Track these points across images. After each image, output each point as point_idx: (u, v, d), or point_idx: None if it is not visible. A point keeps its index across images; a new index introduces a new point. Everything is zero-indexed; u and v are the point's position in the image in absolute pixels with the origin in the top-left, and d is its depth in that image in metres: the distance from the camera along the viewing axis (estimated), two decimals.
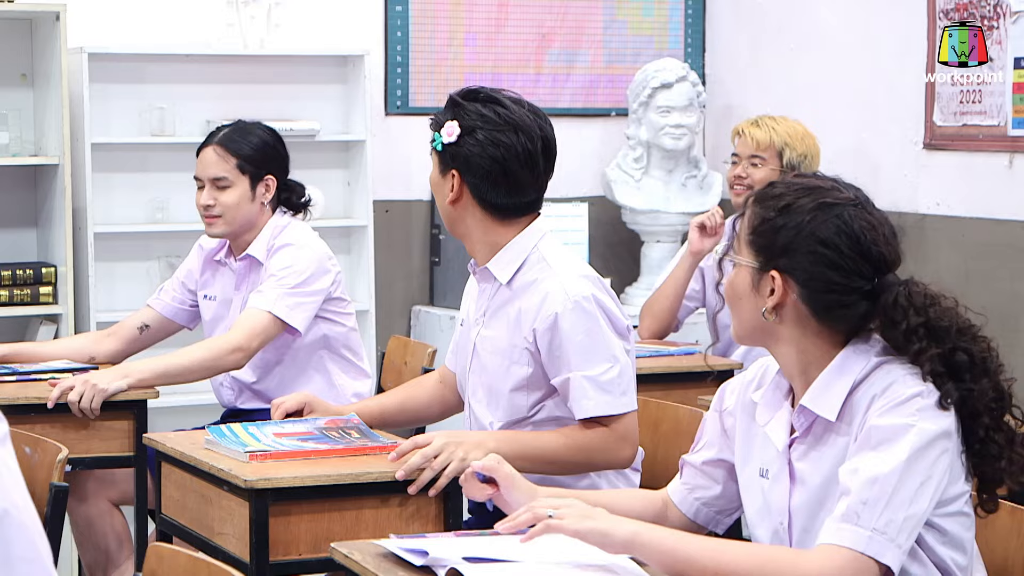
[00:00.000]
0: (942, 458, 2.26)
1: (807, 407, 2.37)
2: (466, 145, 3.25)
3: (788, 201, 2.38)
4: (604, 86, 6.30)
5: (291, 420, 3.38)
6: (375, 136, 5.92)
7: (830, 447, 2.35)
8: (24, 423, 3.75)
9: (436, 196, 3.37)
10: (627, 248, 6.22)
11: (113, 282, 5.60)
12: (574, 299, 3.18)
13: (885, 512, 2.21)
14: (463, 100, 3.29)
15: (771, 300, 2.37)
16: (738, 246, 2.43)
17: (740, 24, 6.29)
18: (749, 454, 2.49)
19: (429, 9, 6.07)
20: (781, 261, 2.36)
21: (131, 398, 3.99)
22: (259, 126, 4.33)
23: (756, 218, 2.41)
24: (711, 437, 2.60)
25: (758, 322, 2.40)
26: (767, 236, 2.38)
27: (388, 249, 6.03)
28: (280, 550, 2.97)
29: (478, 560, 2.36)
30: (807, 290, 2.36)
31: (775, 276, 2.37)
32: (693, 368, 4.55)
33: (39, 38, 5.41)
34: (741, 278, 2.41)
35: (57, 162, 5.27)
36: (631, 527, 2.32)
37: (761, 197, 2.42)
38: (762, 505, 2.46)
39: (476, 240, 3.30)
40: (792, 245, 2.36)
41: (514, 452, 3.15)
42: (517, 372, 3.25)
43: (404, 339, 4.97)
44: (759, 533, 2.47)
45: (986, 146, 5.11)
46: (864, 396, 2.32)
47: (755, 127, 4.80)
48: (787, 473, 2.40)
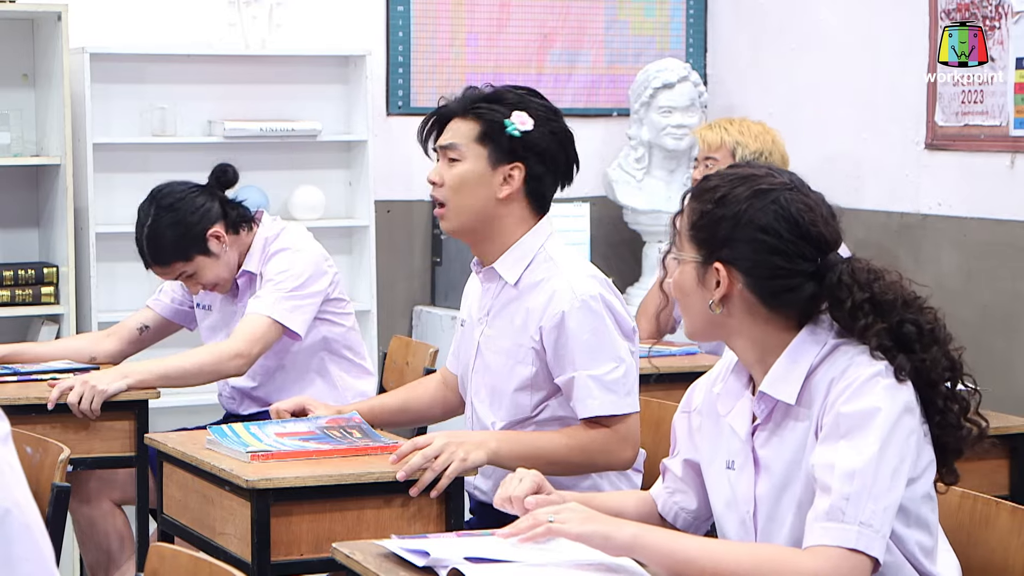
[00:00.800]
0: (911, 437, 2.28)
1: (767, 392, 2.37)
2: (539, 135, 3.21)
3: (724, 192, 2.38)
4: (606, 86, 6.30)
5: (293, 420, 3.38)
6: (376, 136, 5.92)
7: (791, 431, 2.36)
8: (26, 423, 3.75)
9: (470, 192, 3.24)
10: (629, 248, 6.22)
11: (115, 282, 5.60)
12: (581, 298, 3.17)
13: (868, 504, 2.22)
14: (512, 93, 3.24)
15: (717, 292, 2.37)
16: (680, 242, 2.43)
17: (742, 24, 6.29)
18: (717, 448, 2.49)
19: (431, 9, 6.08)
20: (723, 252, 2.37)
21: (132, 398, 3.99)
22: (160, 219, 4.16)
23: (694, 213, 2.41)
24: (682, 440, 2.60)
25: (707, 316, 2.40)
26: (707, 229, 2.38)
27: (389, 249, 6.03)
28: (282, 550, 2.97)
29: (480, 560, 2.36)
30: (751, 278, 2.36)
31: (719, 268, 2.37)
32: (694, 368, 4.55)
33: (41, 38, 5.41)
34: (686, 274, 2.41)
35: (59, 162, 5.28)
36: (631, 529, 2.32)
37: (698, 192, 2.42)
38: (730, 496, 2.46)
39: (499, 239, 3.26)
40: (732, 235, 2.36)
41: (514, 452, 3.15)
42: (521, 372, 3.24)
43: (406, 339, 4.97)
44: (727, 527, 2.47)
45: (988, 146, 5.11)
46: (823, 379, 2.33)
47: (708, 130, 4.87)
48: (751, 461, 2.41)
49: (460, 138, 3.25)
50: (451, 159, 3.26)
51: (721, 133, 4.81)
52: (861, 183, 5.65)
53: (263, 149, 5.79)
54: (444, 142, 3.28)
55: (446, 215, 3.28)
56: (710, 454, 2.51)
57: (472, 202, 3.24)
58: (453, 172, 3.25)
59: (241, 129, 5.61)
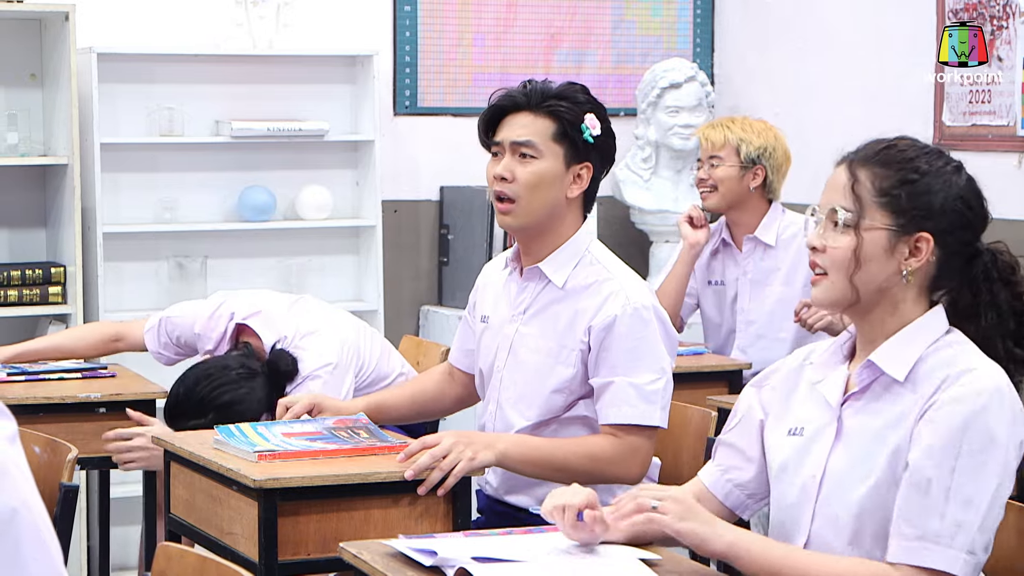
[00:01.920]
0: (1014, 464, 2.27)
1: (875, 363, 2.34)
2: (606, 139, 3.24)
3: (926, 164, 2.37)
4: (613, 86, 6.30)
5: (300, 420, 3.38)
6: (384, 136, 5.92)
7: (886, 406, 2.33)
8: (33, 423, 3.76)
9: (545, 189, 3.20)
10: (636, 248, 6.22)
11: (122, 282, 5.60)
12: (635, 305, 3.16)
13: (977, 535, 2.22)
14: (581, 93, 3.25)
15: (913, 261, 2.34)
16: (858, 209, 2.36)
17: (749, 24, 6.29)
18: (784, 414, 2.47)
19: (438, 9, 6.08)
20: (929, 223, 2.34)
21: (140, 398, 4.00)
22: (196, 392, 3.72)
23: (886, 179, 2.36)
24: (745, 410, 2.56)
25: (883, 285, 2.35)
26: (911, 198, 2.35)
27: (396, 249, 6.03)
28: (289, 550, 2.97)
29: (487, 560, 2.36)
30: (943, 251, 2.35)
31: (927, 238, 2.34)
32: (702, 368, 4.55)
33: (48, 38, 5.42)
34: (873, 241, 2.35)
35: (66, 162, 5.28)
36: (730, 537, 2.31)
37: (886, 160, 2.38)
38: (788, 459, 2.43)
39: (553, 238, 3.25)
40: (943, 206, 2.34)
41: (523, 455, 3.14)
42: (562, 373, 3.22)
43: (417, 339, 4.97)
44: (784, 490, 2.44)
45: (995, 146, 5.10)
46: (934, 368, 2.30)
47: (710, 129, 4.87)
48: (834, 429, 2.38)
49: (537, 135, 3.21)
50: (525, 155, 3.21)
51: (724, 132, 4.81)
52: None
53: (270, 149, 5.80)
54: (519, 138, 3.21)
55: (515, 211, 3.22)
56: (776, 417, 2.49)
57: (545, 200, 3.21)
58: (529, 169, 3.21)
59: (248, 129, 5.61)
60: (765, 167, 4.78)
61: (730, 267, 4.90)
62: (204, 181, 5.74)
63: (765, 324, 4.82)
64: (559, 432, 3.25)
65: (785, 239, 4.80)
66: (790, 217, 4.84)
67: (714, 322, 4.95)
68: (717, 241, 4.89)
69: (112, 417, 3.96)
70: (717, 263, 4.93)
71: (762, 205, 4.82)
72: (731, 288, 4.89)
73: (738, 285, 4.87)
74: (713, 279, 4.94)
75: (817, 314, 4.61)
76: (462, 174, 5.98)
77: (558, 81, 3.33)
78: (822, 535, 2.36)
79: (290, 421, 3.36)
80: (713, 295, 4.94)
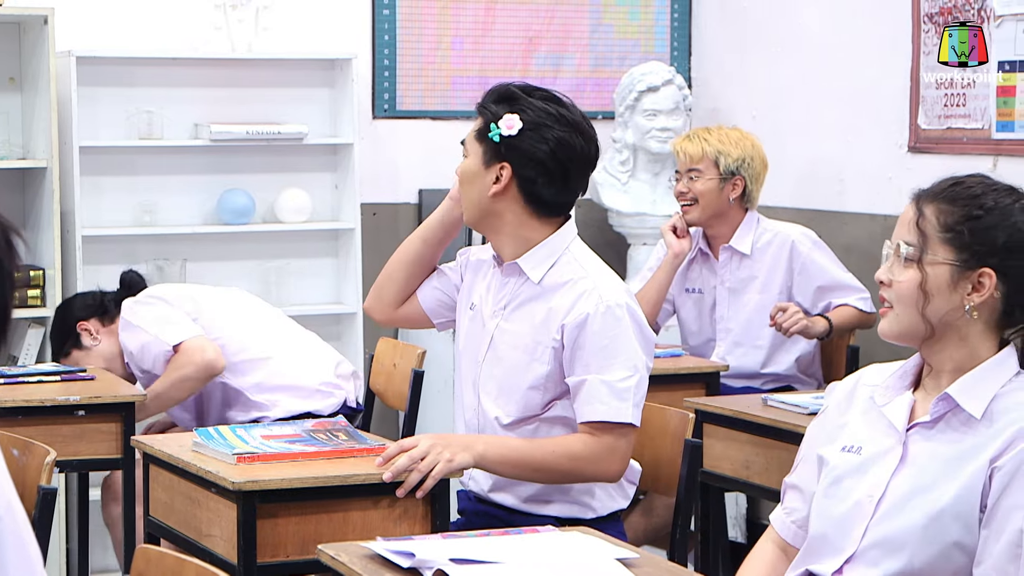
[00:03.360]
0: None
1: (952, 396, 2.38)
2: (528, 140, 3.22)
3: (992, 201, 2.41)
4: (590, 89, 6.32)
5: (279, 423, 3.39)
6: (363, 139, 5.93)
7: (960, 436, 2.37)
8: (12, 425, 3.76)
9: (469, 187, 3.29)
10: (613, 250, 6.23)
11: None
12: (607, 304, 3.18)
13: None
14: (523, 94, 3.27)
15: (976, 297, 2.38)
16: (922, 243, 2.41)
17: (726, 27, 6.31)
18: (838, 432, 2.50)
19: (416, 13, 6.09)
20: (993, 260, 2.38)
21: (118, 400, 4.00)
22: None
23: (951, 215, 2.41)
24: (806, 447, 2.58)
25: (947, 319, 2.40)
26: (975, 235, 2.39)
27: (375, 252, 6.03)
28: (268, 552, 2.98)
29: (465, 562, 2.37)
30: (1009, 288, 2.39)
31: (989, 274, 2.38)
32: (680, 370, 4.57)
33: (27, 41, 5.42)
34: (937, 276, 2.39)
35: (45, 165, 5.28)
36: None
37: (953, 196, 2.44)
38: (843, 474, 2.45)
39: (507, 235, 3.28)
40: (1008, 243, 2.38)
41: (501, 456, 3.16)
42: (537, 369, 3.24)
43: (393, 341, 4.98)
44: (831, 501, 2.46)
45: (970, 149, 5.13)
46: (1010, 408, 2.35)
47: (687, 141, 4.88)
48: (899, 453, 2.41)
49: (469, 135, 3.31)
50: (465, 154, 3.34)
51: (701, 144, 4.82)
52: (844, 186, 5.67)
53: (249, 152, 5.80)
54: (463, 137, 3.36)
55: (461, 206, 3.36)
56: (828, 437, 2.52)
57: (470, 196, 3.29)
58: (459, 167, 3.33)
59: (227, 132, 5.61)
60: (744, 178, 4.80)
61: (707, 276, 4.92)
62: (183, 184, 5.74)
63: (742, 332, 4.84)
64: (542, 432, 3.27)
65: (760, 247, 4.82)
66: (765, 225, 4.86)
67: (691, 330, 4.98)
68: (695, 250, 4.92)
69: (91, 420, 3.96)
70: (695, 271, 4.95)
71: (739, 215, 4.84)
72: (709, 296, 4.91)
73: (716, 293, 4.89)
74: (690, 287, 4.96)
75: (792, 318, 4.64)
76: (441, 177, 5.98)
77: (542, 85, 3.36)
78: (870, 554, 2.39)
79: (268, 424, 3.36)
80: (691, 303, 4.96)
